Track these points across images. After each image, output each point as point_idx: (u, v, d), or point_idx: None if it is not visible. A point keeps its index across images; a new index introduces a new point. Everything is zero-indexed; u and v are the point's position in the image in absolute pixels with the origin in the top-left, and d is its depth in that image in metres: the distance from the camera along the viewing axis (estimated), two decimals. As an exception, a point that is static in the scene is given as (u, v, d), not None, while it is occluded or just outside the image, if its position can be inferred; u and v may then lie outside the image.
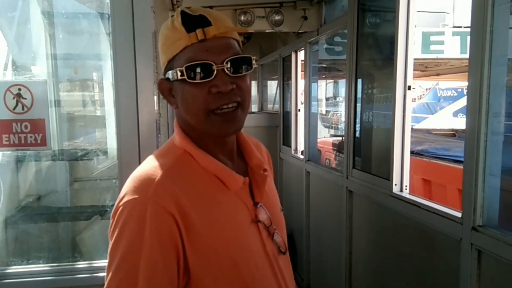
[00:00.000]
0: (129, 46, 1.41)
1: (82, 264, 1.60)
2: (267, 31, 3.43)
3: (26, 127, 1.54)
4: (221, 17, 0.83)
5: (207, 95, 0.81)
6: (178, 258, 0.78)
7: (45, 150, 1.60)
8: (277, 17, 3.27)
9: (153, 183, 0.78)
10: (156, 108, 1.54)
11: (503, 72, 1.48)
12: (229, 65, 0.80)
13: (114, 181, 1.69)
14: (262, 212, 0.90)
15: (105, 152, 1.92)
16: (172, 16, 0.85)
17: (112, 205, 0.83)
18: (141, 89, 1.44)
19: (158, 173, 0.80)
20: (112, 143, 1.82)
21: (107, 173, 1.93)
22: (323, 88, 13.03)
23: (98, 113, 2.05)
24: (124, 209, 0.78)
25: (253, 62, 0.85)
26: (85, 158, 2.00)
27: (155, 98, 1.51)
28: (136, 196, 0.78)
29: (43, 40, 1.91)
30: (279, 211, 0.98)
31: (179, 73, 0.81)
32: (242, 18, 3.22)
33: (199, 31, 0.80)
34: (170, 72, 0.84)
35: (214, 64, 0.80)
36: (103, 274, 0.79)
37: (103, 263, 0.77)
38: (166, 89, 0.88)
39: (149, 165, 0.83)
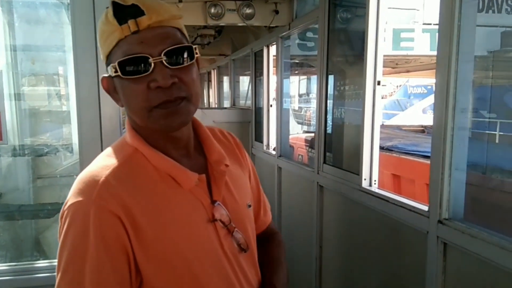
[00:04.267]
0: (90, 37, 1.34)
1: (42, 263, 1.54)
2: (238, 24, 3.39)
3: (-22, 120, 1.46)
4: (158, 4, 0.77)
5: (147, 91, 0.76)
6: (128, 260, 0.76)
7: (1, 144, 1.52)
8: (248, 11, 3.22)
9: (97, 185, 0.76)
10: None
11: (470, 68, 1.51)
12: (167, 57, 0.75)
13: (75, 177, 1.62)
14: (220, 210, 0.85)
15: (70, 148, 1.85)
16: (107, 7, 0.79)
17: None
18: (104, 81, 1.38)
19: (104, 174, 0.77)
20: (77, 139, 1.75)
21: (72, 169, 1.86)
22: (296, 84, 13.08)
23: (64, 108, 1.97)
24: (69, 213, 0.76)
25: (196, 51, 0.79)
26: (49, 154, 1.92)
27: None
28: (80, 199, 0.75)
29: (0, 29, 1.81)
30: (244, 207, 0.93)
31: (113, 69, 0.76)
32: (212, 11, 3.16)
33: (131, 22, 0.74)
34: (108, 68, 0.79)
35: (150, 56, 0.74)
36: None
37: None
38: (111, 86, 0.82)
39: (96, 166, 0.80)
